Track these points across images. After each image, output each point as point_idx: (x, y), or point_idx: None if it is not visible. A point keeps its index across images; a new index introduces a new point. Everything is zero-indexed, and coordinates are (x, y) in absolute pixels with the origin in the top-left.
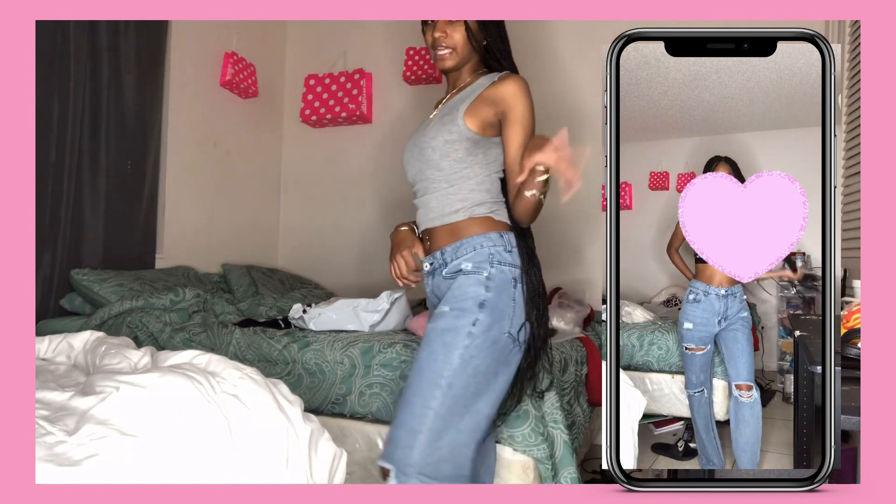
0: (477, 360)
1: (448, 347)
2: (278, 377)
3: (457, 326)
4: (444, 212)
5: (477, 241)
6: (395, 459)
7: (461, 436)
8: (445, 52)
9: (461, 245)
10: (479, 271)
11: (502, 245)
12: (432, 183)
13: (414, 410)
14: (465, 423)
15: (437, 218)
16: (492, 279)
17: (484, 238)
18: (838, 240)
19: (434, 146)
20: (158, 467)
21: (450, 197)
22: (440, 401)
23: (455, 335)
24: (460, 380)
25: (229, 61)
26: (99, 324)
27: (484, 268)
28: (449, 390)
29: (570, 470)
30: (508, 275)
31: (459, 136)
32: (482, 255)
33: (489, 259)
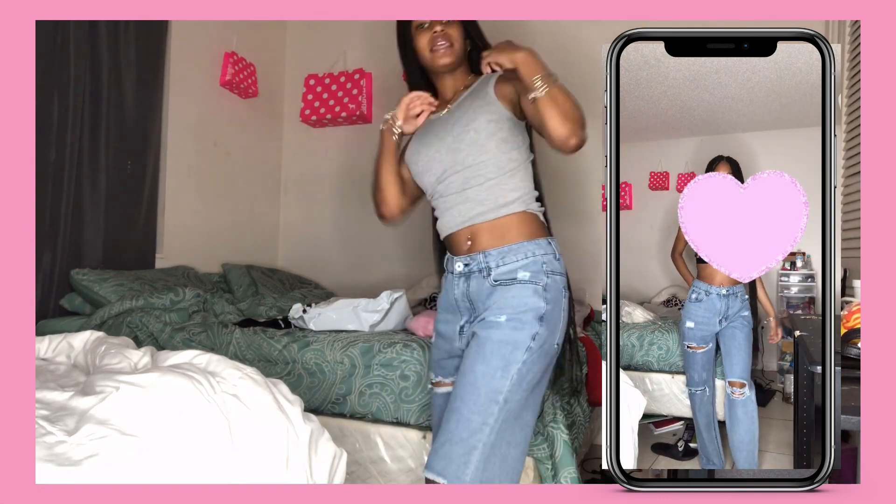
0: (531, 373)
1: (507, 362)
2: (278, 377)
3: (516, 340)
4: (498, 203)
5: (529, 249)
6: (448, 474)
7: (512, 449)
8: (444, 45)
9: (509, 251)
10: (537, 281)
11: (552, 252)
12: (477, 171)
13: (471, 426)
14: (516, 436)
15: (489, 211)
16: (548, 290)
17: (535, 245)
18: (838, 240)
19: (477, 127)
20: (158, 467)
21: (502, 186)
22: (496, 416)
23: (514, 349)
24: (516, 395)
25: (229, 61)
26: (99, 324)
27: (540, 278)
28: (506, 405)
29: (570, 470)
30: (560, 284)
31: (500, 116)
32: (537, 263)
33: (543, 268)
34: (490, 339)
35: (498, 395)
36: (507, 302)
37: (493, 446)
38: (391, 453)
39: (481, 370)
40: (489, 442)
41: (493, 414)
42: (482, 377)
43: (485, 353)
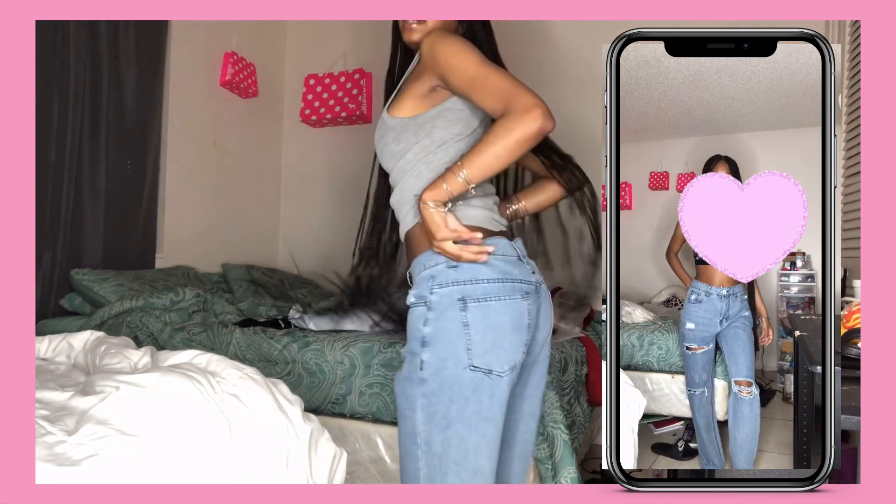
0: (442, 407)
1: (410, 400)
2: (278, 377)
3: (409, 375)
4: (400, 219)
5: (422, 261)
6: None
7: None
8: (412, 23)
9: (413, 267)
10: (420, 301)
11: (444, 260)
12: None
13: (407, 473)
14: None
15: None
16: (432, 308)
17: (426, 257)
18: (838, 240)
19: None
20: (158, 467)
21: (397, 199)
22: (423, 460)
23: (410, 385)
24: (434, 435)
25: (229, 61)
26: (99, 324)
27: (424, 296)
28: (427, 448)
29: (570, 470)
30: (453, 296)
31: (384, 128)
32: (424, 278)
33: (429, 284)
34: (396, 378)
35: (415, 436)
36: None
37: None
38: (391, 453)
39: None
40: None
41: (418, 458)
42: (399, 420)
43: (396, 393)
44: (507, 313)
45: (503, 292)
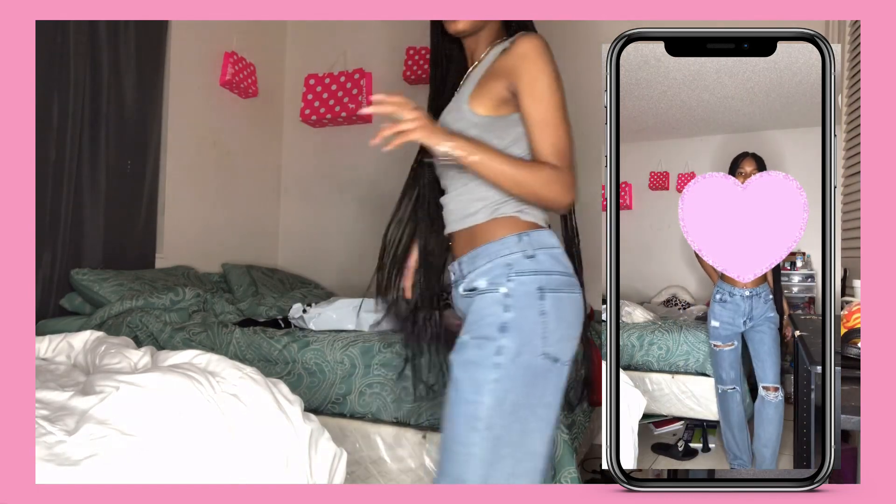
0: (513, 393)
1: (478, 384)
2: (278, 377)
3: (481, 360)
4: (462, 214)
5: (493, 250)
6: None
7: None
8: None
9: (476, 255)
10: (496, 288)
11: (521, 250)
12: (451, 180)
13: (457, 458)
14: (520, 467)
15: (456, 221)
16: (511, 295)
17: (500, 245)
18: (838, 240)
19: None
20: (158, 467)
21: (466, 196)
22: (480, 445)
23: (481, 370)
24: (498, 419)
25: (229, 61)
26: (99, 323)
27: (500, 283)
28: (488, 432)
29: (570, 470)
30: (531, 286)
31: (467, 123)
32: (498, 266)
33: (506, 272)
34: (455, 363)
35: (476, 421)
36: (471, 318)
37: (487, 479)
38: (391, 453)
39: (453, 397)
40: (482, 476)
41: (475, 443)
42: (454, 404)
43: (454, 378)
44: (574, 306)
45: (569, 286)
